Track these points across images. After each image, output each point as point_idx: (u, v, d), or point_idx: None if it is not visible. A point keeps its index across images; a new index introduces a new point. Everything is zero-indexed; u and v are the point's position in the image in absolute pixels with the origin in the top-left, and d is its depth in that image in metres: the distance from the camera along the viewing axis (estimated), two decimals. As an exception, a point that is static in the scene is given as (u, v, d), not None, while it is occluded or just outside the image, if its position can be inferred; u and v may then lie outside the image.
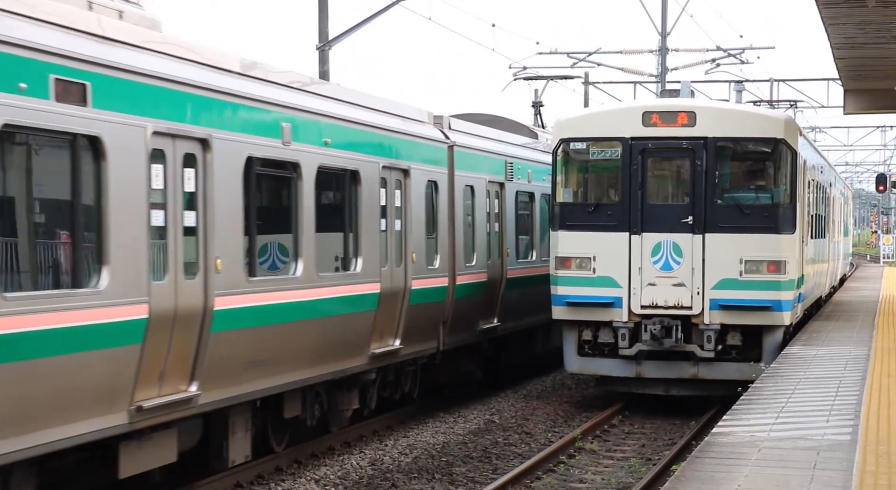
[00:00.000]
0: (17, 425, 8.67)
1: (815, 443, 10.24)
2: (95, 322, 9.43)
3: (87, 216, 9.48)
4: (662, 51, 37.29)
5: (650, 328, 17.70)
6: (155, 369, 10.31)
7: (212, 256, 11.00)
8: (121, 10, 10.44)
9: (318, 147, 13.19)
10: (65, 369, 9.14)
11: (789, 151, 18.03)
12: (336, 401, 14.86)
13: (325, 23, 23.93)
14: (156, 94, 10.28)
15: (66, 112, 9.11)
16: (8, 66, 8.54)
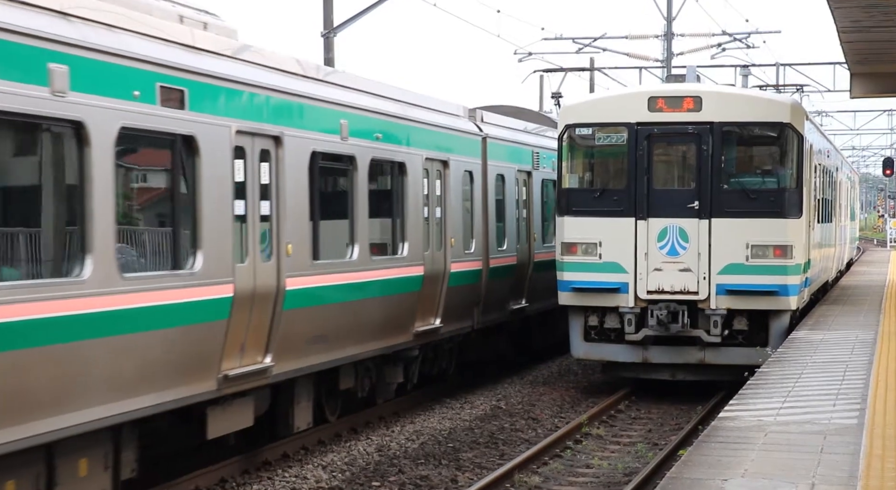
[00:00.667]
0: (129, 390, 9.87)
1: (821, 427, 10.24)
2: (192, 299, 10.69)
3: (184, 206, 10.73)
4: (668, 36, 37.20)
5: (656, 313, 17.69)
6: (238, 342, 11.55)
7: (283, 241, 12.26)
8: (205, 22, 11.80)
9: (370, 141, 14.45)
10: (168, 341, 10.40)
11: (795, 136, 17.99)
12: (383, 375, 16.05)
13: (329, 10, 23.89)
14: (238, 97, 11.55)
15: (168, 115, 10.40)
16: (125, 76, 9.85)
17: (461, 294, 17.62)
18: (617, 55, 40.95)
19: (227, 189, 11.25)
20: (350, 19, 24.32)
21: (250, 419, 12.27)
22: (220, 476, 12.58)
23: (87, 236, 9.39)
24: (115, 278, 9.64)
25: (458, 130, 17.68)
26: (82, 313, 9.27)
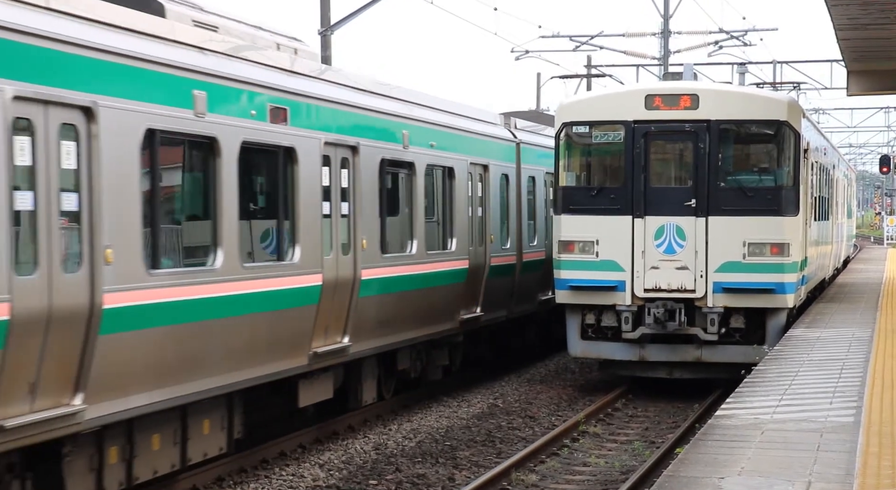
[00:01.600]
0: (241, 363, 11.71)
1: (818, 425, 10.25)
2: (292, 286, 12.59)
3: (286, 207, 12.67)
4: (665, 33, 37.19)
5: (653, 311, 17.69)
6: (324, 325, 13.51)
7: (360, 237, 14.16)
8: (295, 47, 13.81)
9: (426, 149, 16.41)
10: (273, 321, 12.26)
11: (792, 133, 17.99)
12: (433, 358, 17.90)
13: (326, 7, 23.88)
14: (325, 113, 13.48)
15: (275, 130, 12.32)
16: (246, 99, 11.78)
17: (499, 286, 19.58)
18: (614, 53, 40.96)
19: (317, 192, 13.19)
20: (347, 17, 24.31)
21: (330, 392, 14.31)
22: (217, 474, 12.58)
23: (218, 232, 11.32)
24: (238, 267, 11.60)
25: (497, 137, 19.73)
26: (214, 297, 11.16)
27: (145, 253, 10.17)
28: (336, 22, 24.08)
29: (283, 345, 12.52)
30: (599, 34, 39.65)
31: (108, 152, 9.65)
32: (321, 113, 13.32)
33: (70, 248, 9.28)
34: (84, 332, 9.35)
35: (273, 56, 12.83)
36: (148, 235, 10.25)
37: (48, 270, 8.96)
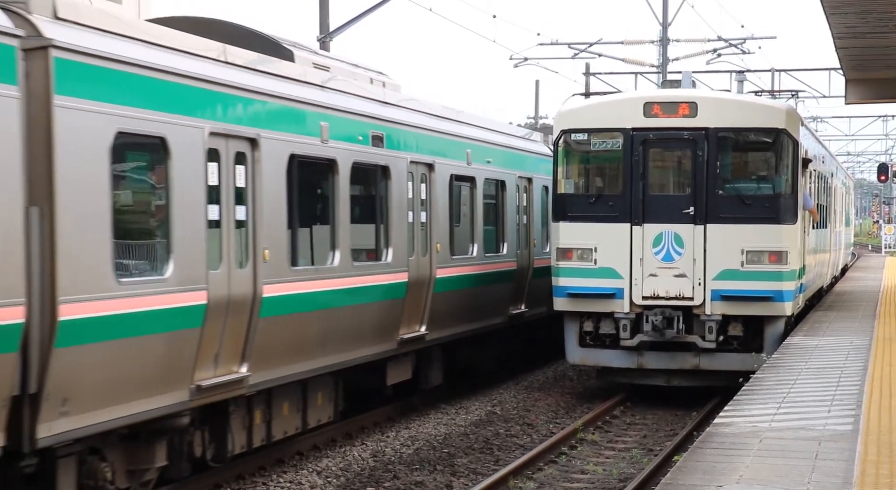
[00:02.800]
0: (348, 346, 14.16)
1: (816, 433, 10.24)
2: (387, 282, 15.06)
3: (382, 215, 15.09)
4: (663, 41, 37.23)
5: (651, 319, 17.69)
6: (408, 315, 15.89)
7: (434, 242, 16.67)
8: (383, 81, 16.24)
9: (484, 165, 18.87)
10: (373, 311, 14.76)
11: (791, 141, 18.00)
12: (486, 348, 20.20)
13: (325, 14, 23.91)
14: (409, 137, 15.98)
15: (375, 153, 14.84)
16: (356, 127, 14.32)
17: (540, 285, 21.22)
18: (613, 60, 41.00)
19: (404, 202, 15.71)
20: (346, 23, 24.33)
21: (410, 373, 16.72)
22: (215, 482, 12.57)
23: (336, 236, 13.86)
24: (350, 265, 14.03)
25: (538, 153, 21.87)
26: (334, 289, 13.67)
27: (291, 253, 12.72)
28: (335, 28, 24.10)
29: (378, 331, 15.03)
30: (598, 42, 39.72)
31: (266, 174, 12.16)
32: (407, 137, 15.92)
33: (235, 249, 11.69)
34: (249, 314, 11.80)
35: (370, 89, 15.39)
36: (290, 239, 12.73)
37: (227, 266, 11.49)
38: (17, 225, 8.85)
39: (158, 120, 10.45)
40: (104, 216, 9.71)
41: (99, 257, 9.65)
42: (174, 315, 10.59)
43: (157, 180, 10.71)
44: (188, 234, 10.81)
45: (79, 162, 9.44)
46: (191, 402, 10.97)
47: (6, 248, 8.74)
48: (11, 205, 8.78)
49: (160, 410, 10.57)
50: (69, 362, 9.33)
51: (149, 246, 10.64)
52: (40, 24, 9.28)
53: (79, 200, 9.42)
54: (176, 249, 10.65)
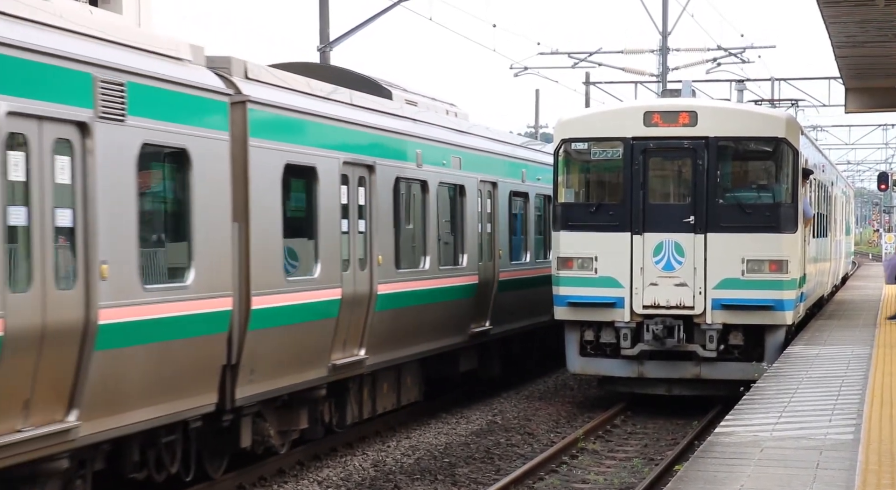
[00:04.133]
0: (429, 338, 16.74)
1: (817, 442, 10.23)
2: (462, 283, 17.83)
3: (459, 226, 18.00)
4: (663, 50, 37.26)
5: (652, 328, 17.68)
6: (476, 311, 18.52)
7: (497, 249, 19.41)
8: (455, 111, 19.12)
9: (534, 183, 21.47)
10: (451, 308, 17.38)
11: (791, 150, 18.01)
12: (531, 343, 22.64)
13: (325, 24, 23.93)
14: (479, 160, 18.77)
15: (455, 173, 17.76)
16: (441, 153, 17.21)
17: None
18: (613, 70, 41.03)
19: (475, 215, 18.46)
20: (346, 33, 24.35)
21: (476, 363, 19.34)
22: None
23: (426, 244, 16.65)
24: (437, 269, 16.84)
25: None
26: (425, 288, 16.36)
27: (395, 258, 15.40)
28: (335, 38, 24.12)
29: (455, 325, 17.63)
30: (598, 51, 39.76)
31: (379, 193, 14.91)
32: (477, 160, 18.66)
33: (357, 254, 14.27)
34: (367, 308, 14.55)
35: (448, 120, 18.19)
36: (395, 246, 15.40)
37: (354, 269, 14.25)
38: (227, 236, 11.58)
39: (312, 153, 13.30)
40: (277, 229, 12.55)
41: (275, 261, 12.49)
42: (321, 307, 13.43)
43: (308, 200, 13.42)
44: (328, 242, 13.63)
45: (262, 188, 12.22)
46: (327, 378, 13.80)
47: (220, 254, 11.47)
48: (223, 221, 11.51)
49: (308, 383, 13.40)
50: (256, 341, 12.11)
51: (303, 252, 13.35)
52: (240, 84, 12.06)
53: (262, 217, 12.22)
54: (321, 255, 13.48)
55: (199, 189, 11.06)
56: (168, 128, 10.64)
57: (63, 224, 9.26)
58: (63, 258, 9.26)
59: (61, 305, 9.18)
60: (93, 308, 9.50)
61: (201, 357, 11.16)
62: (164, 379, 10.60)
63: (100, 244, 9.60)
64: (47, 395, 9.17)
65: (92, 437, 9.71)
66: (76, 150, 9.41)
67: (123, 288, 9.94)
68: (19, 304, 8.70)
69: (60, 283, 9.20)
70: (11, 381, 8.74)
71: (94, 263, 9.55)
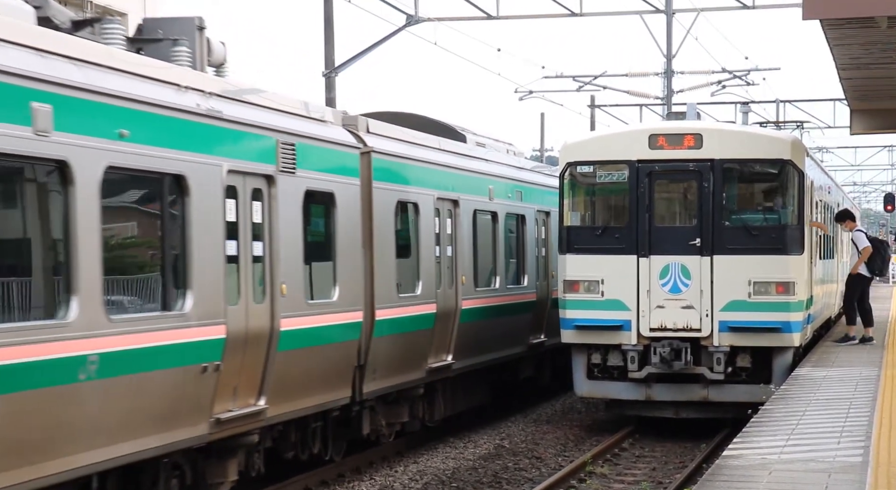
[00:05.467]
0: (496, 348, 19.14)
1: (826, 465, 10.19)
2: (524, 300, 20.34)
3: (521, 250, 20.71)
4: (668, 73, 37.33)
5: (659, 351, 17.65)
6: (533, 324, 20.96)
7: (549, 270, 21.72)
8: (514, 151, 21.99)
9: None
10: (513, 322, 19.75)
11: (796, 172, 18.01)
12: None
13: (331, 50, 24.01)
14: (535, 193, 21.35)
15: (519, 204, 20.51)
16: (507, 187, 19.88)
17: None
18: (617, 93, 41.11)
19: (534, 241, 21.31)
20: (351, 59, 24.44)
21: (532, 371, 21.63)
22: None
23: (497, 266, 19.27)
24: (505, 288, 19.55)
25: None
26: (496, 304, 19.04)
27: (474, 278, 18.09)
28: (340, 64, 24.20)
29: (515, 337, 19.84)
30: (603, 74, 39.83)
31: (462, 224, 17.65)
32: (533, 192, 21.27)
33: (446, 274, 17.11)
34: (454, 319, 17.22)
35: (510, 158, 20.91)
36: (474, 268, 18.12)
37: (444, 287, 16.94)
38: (359, 260, 14.21)
39: (415, 192, 16.08)
40: (392, 253, 15.21)
41: (390, 280, 15.09)
42: (421, 319, 16.18)
43: (411, 230, 16.04)
44: (427, 264, 16.36)
45: (381, 221, 14.89)
46: (425, 379, 16.40)
47: (355, 275, 14.10)
48: (356, 248, 14.18)
49: (413, 382, 15.95)
50: (377, 347, 14.62)
51: (409, 273, 15.88)
52: (365, 138, 14.76)
53: (381, 244, 14.88)
54: (422, 275, 16.19)
55: (341, 223, 13.79)
56: (321, 176, 13.34)
57: (257, 253, 11.89)
58: (252, 281, 11.77)
59: (257, 316, 11.80)
60: (276, 318, 12.10)
61: (343, 358, 13.85)
62: (319, 376, 13.19)
63: (280, 268, 12.20)
64: (247, 384, 11.71)
65: (275, 418, 12.30)
66: (265, 196, 12.07)
67: (295, 302, 12.54)
68: (234, 314, 11.34)
69: (256, 298, 11.81)
70: (229, 373, 11.27)
71: (277, 283, 12.16)
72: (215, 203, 11.10)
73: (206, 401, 10.94)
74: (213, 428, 11.08)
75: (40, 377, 8.86)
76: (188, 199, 10.71)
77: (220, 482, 11.82)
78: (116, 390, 9.77)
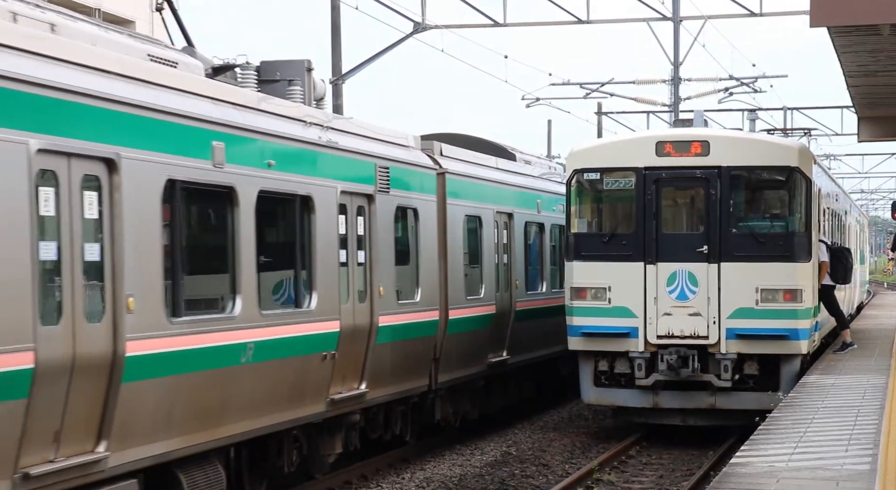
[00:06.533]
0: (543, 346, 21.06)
1: (834, 473, 10.17)
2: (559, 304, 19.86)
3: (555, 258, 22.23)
4: (675, 80, 37.32)
5: (666, 358, 17.62)
6: None
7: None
8: (555, 167, 23.45)
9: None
10: (554, 323, 20.30)
11: (804, 180, 17.99)
12: None
13: (338, 57, 24.04)
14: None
15: (562, 216, 20.19)
16: (553, 201, 21.64)
17: None
18: (624, 100, 41.11)
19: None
20: (358, 66, 24.47)
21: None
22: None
23: (543, 272, 21.20)
24: (550, 291, 21.59)
25: None
26: (542, 306, 21.14)
27: (525, 282, 20.34)
28: (347, 71, 24.23)
29: (558, 336, 19.95)
30: (610, 81, 39.85)
31: (516, 235, 19.98)
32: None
33: (503, 279, 19.26)
34: (509, 319, 19.45)
35: (553, 174, 22.92)
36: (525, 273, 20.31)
37: (501, 291, 19.13)
38: (436, 266, 16.56)
39: (479, 207, 18.34)
40: (461, 260, 17.48)
41: (459, 283, 17.37)
42: (483, 319, 18.41)
43: (476, 240, 18.32)
44: (488, 270, 18.65)
45: (453, 233, 17.16)
46: (485, 373, 18.64)
47: (433, 279, 16.43)
48: (433, 255, 16.49)
49: (474, 375, 18.18)
50: (449, 342, 16.87)
51: (474, 277, 18.23)
52: (439, 160, 17.09)
53: (453, 253, 17.14)
54: (485, 280, 18.51)
55: (423, 235, 16.09)
56: (408, 194, 15.64)
57: (361, 260, 14.09)
58: (357, 283, 14.00)
59: (362, 313, 13.98)
60: (375, 315, 14.36)
61: (423, 352, 16.16)
62: (405, 366, 15.43)
63: (377, 273, 14.44)
64: (352, 371, 13.93)
65: (372, 401, 14.44)
66: (366, 212, 14.28)
67: (389, 302, 14.80)
68: (345, 312, 13.55)
69: (359, 299, 13.91)
70: (341, 361, 13.45)
71: (376, 286, 14.43)
72: (332, 219, 13.35)
73: (324, 384, 13.09)
74: (328, 407, 13.25)
75: (217, 359, 11.02)
76: (313, 215, 12.92)
77: (328, 454, 13.96)
78: (266, 372, 11.79)
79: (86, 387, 9.23)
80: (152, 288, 10.02)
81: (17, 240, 8.54)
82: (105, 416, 9.47)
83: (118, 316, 9.54)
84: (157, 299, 10.07)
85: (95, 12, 25.37)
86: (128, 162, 9.72)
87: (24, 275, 8.58)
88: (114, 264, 9.56)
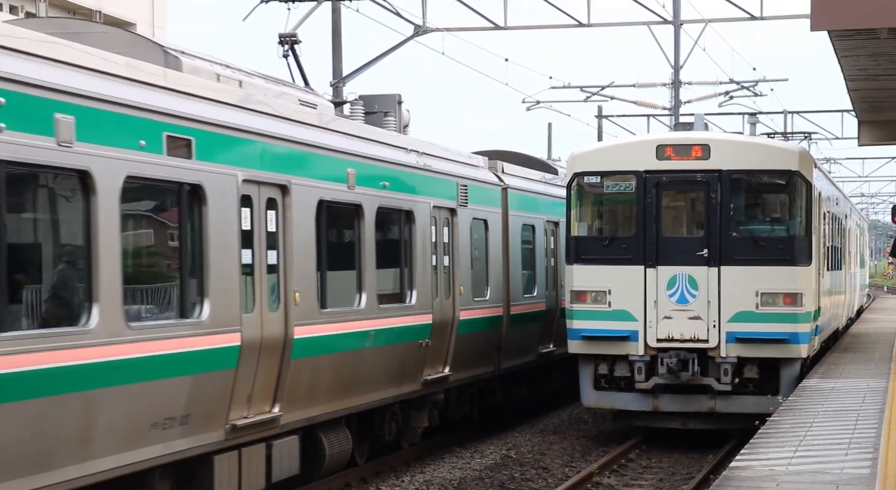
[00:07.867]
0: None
1: (834, 477, 10.16)
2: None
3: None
4: (675, 84, 37.34)
5: (666, 361, 17.62)
6: None
7: None
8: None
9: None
10: None
11: (804, 183, 18.00)
12: None
13: (338, 60, 24.05)
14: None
15: None
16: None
17: None
18: (625, 103, 41.12)
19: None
20: (358, 69, 24.49)
21: None
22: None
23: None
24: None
25: None
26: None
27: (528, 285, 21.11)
28: (347, 74, 24.24)
29: None
30: (610, 85, 39.86)
31: (561, 241, 21.58)
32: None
33: (550, 279, 21.61)
34: (556, 315, 21.23)
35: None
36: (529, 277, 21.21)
37: (550, 291, 21.45)
38: (500, 267, 19.29)
39: (533, 217, 20.94)
40: (519, 263, 20.25)
41: (518, 283, 19.98)
42: (536, 314, 20.89)
43: (531, 245, 20.74)
44: (541, 272, 21.26)
45: (514, 239, 19.91)
46: (536, 361, 21.11)
47: (499, 279, 19.08)
48: (499, 258, 19.11)
49: (528, 363, 20.65)
50: (509, 334, 19.27)
51: (530, 278, 20.67)
52: (503, 178, 19.70)
53: (514, 257, 19.82)
54: (537, 280, 20.88)
55: (491, 241, 18.78)
56: (481, 208, 18.37)
57: (445, 264, 16.77)
58: (446, 283, 16.80)
59: (447, 308, 16.79)
60: (456, 310, 17.08)
61: (490, 341, 18.65)
62: (477, 353, 18.03)
63: (458, 274, 17.21)
64: (439, 357, 16.65)
65: (453, 382, 17.14)
66: (451, 224, 17.09)
67: (467, 300, 17.54)
68: (436, 308, 16.30)
69: (446, 296, 16.73)
70: (432, 348, 16.18)
71: (457, 285, 17.16)
72: (427, 228, 16.12)
73: (420, 367, 15.80)
74: (422, 386, 15.97)
75: (350, 343, 13.68)
76: (414, 226, 15.69)
77: (418, 427, 16.58)
78: (382, 355, 14.51)
79: (268, 361, 11.83)
80: (310, 285, 12.66)
81: (231, 248, 11.22)
82: (279, 384, 12.06)
83: (289, 307, 12.16)
84: (312, 294, 12.70)
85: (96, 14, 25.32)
86: (295, 187, 12.41)
87: (235, 274, 11.21)
88: (286, 267, 12.17)
